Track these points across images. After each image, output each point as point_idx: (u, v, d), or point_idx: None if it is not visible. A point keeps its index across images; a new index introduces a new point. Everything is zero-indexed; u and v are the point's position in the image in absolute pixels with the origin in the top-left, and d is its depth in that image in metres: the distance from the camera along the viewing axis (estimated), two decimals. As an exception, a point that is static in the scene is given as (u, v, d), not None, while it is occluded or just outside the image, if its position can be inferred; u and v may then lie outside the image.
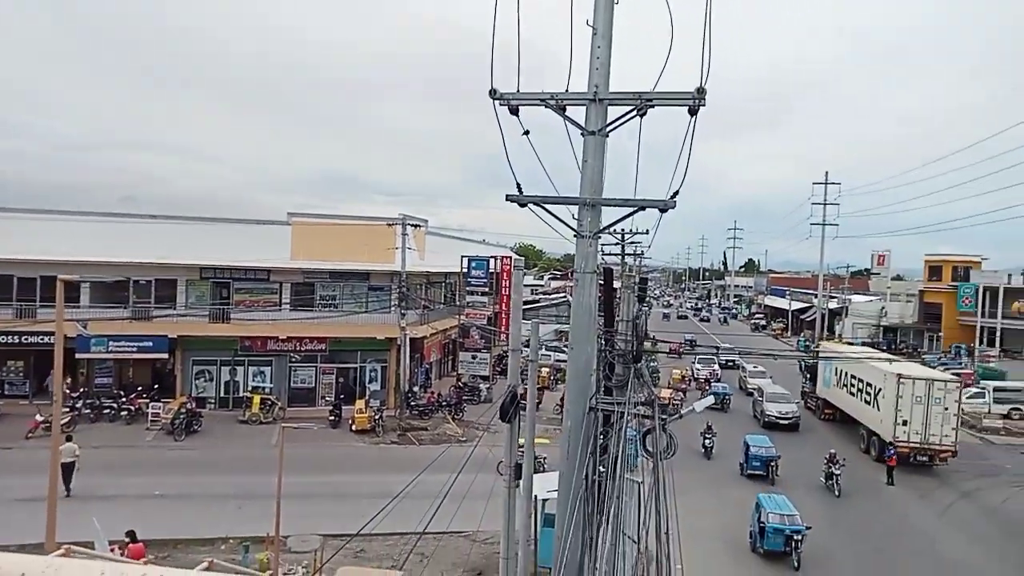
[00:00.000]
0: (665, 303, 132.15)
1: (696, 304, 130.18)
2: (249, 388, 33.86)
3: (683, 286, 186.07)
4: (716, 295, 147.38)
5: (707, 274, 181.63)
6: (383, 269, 34.46)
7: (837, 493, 25.70)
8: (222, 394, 34.19)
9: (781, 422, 35.24)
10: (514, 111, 8.81)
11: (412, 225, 33.65)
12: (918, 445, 28.87)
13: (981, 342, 54.89)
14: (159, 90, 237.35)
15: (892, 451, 28.20)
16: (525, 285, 73.50)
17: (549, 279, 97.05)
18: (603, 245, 38.30)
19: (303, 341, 34.51)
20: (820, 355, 40.62)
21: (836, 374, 36.81)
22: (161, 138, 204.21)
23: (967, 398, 40.71)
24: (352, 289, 35.99)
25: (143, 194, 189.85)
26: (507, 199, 8.79)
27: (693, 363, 48.57)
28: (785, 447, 29.50)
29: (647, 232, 35.54)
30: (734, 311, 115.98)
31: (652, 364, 46.73)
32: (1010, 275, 62.38)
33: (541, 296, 75.86)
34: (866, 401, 32.54)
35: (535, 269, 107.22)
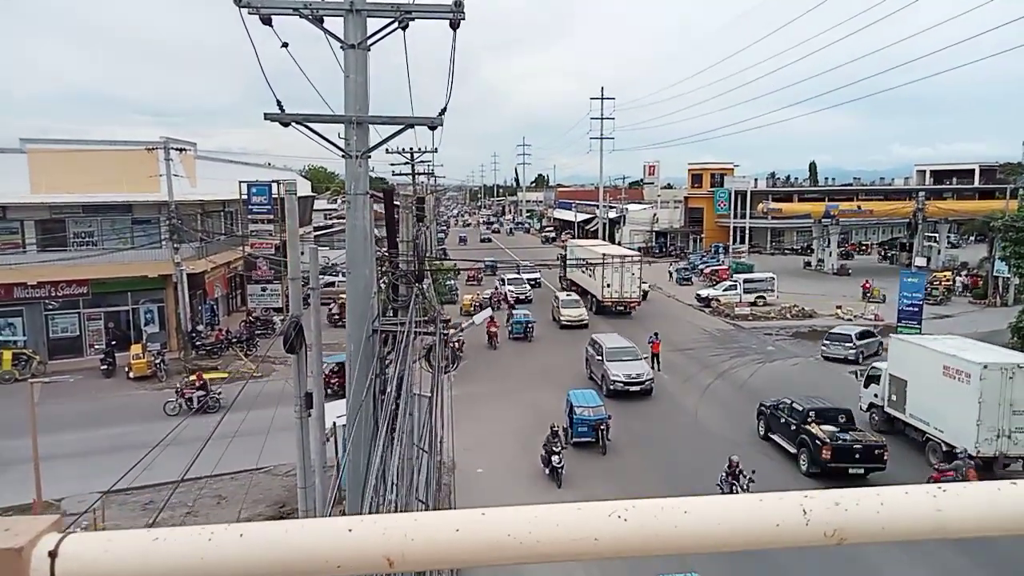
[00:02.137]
0: (463, 222, 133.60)
1: (489, 219, 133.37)
2: (-4, 343, 29.69)
3: (479, 204, 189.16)
4: (510, 211, 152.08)
5: (501, 190, 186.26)
6: (148, 200, 31.14)
7: None
8: (-38, 353, 29.56)
9: (632, 389, 26.48)
10: (266, 21, 8.14)
11: (177, 149, 30.51)
12: (617, 299, 41.80)
13: (734, 240, 62.37)
14: None
15: (654, 339, 31.53)
16: (318, 209, 70.93)
17: (343, 203, 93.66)
18: (392, 164, 37.55)
19: (59, 285, 30.62)
20: (568, 261, 50.71)
21: (577, 262, 49.56)
22: None
23: (723, 290, 46.79)
24: (113, 224, 32.21)
25: None
26: (266, 118, 8.23)
27: (500, 286, 48.12)
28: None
29: (437, 150, 35.43)
30: (526, 225, 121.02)
31: (450, 283, 47.30)
32: (756, 180, 71.02)
33: (335, 220, 73.31)
34: (589, 275, 45.12)
35: (328, 192, 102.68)
